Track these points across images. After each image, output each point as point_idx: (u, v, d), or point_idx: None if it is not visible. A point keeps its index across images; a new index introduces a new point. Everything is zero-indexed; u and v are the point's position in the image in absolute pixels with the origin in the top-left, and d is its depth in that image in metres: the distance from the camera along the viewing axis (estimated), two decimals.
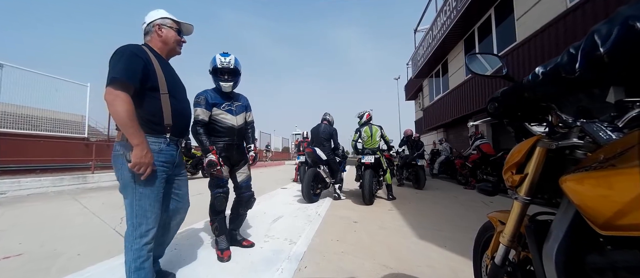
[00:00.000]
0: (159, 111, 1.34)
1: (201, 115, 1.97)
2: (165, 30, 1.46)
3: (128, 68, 1.22)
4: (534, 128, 0.84)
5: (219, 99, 2.06)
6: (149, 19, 1.46)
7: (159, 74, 1.35)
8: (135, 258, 1.30)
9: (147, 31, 1.47)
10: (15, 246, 2.23)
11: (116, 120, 1.20)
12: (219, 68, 2.01)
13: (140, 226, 1.30)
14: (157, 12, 1.49)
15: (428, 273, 1.82)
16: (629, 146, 0.46)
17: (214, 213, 2.08)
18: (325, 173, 4.43)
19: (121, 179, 1.29)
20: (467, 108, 8.32)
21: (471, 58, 1.01)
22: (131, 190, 1.28)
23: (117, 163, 1.30)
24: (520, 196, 0.81)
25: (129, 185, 1.28)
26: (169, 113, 1.37)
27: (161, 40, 1.46)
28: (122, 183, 1.30)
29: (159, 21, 1.45)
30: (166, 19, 1.47)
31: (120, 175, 1.29)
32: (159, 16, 1.46)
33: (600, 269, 0.50)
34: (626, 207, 0.43)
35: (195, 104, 1.98)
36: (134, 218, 1.29)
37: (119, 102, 1.17)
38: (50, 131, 7.41)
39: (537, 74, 0.68)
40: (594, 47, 0.50)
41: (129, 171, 1.24)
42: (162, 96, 1.35)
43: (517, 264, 0.89)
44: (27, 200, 4.46)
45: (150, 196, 1.31)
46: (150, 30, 1.46)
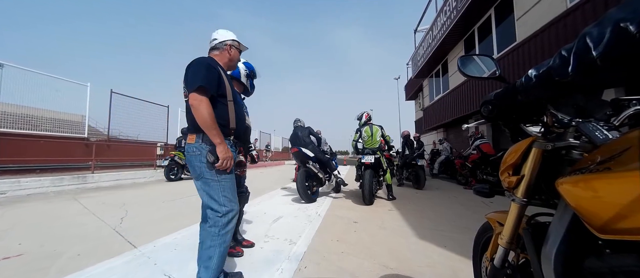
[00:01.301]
0: (226, 115, 1.52)
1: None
2: (233, 51, 1.71)
3: (208, 77, 1.41)
4: (529, 128, 0.83)
5: (241, 101, 2.12)
6: (222, 38, 1.67)
7: (226, 84, 1.55)
8: (222, 242, 1.46)
9: (217, 47, 1.66)
10: (15, 246, 2.23)
11: (201, 122, 1.36)
12: (255, 74, 2.27)
13: (227, 214, 1.48)
14: (228, 33, 1.71)
15: (428, 273, 1.82)
16: (626, 148, 0.46)
17: None
18: (316, 168, 4.45)
19: (202, 175, 1.44)
20: (467, 108, 8.32)
21: (464, 61, 0.99)
22: (215, 184, 1.45)
23: (194, 160, 1.45)
24: (517, 197, 0.81)
25: (213, 179, 1.45)
26: (233, 117, 1.56)
27: (229, 57, 1.69)
28: (203, 179, 1.45)
29: (230, 42, 1.68)
30: (235, 42, 1.71)
31: (201, 172, 1.44)
32: (230, 38, 1.69)
33: (599, 273, 0.50)
34: (624, 210, 0.42)
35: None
36: (222, 206, 1.46)
37: (204, 106, 1.35)
38: (50, 131, 7.41)
39: (530, 77, 0.68)
40: (587, 50, 0.50)
41: (209, 168, 1.42)
42: (229, 103, 1.55)
43: (517, 266, 0.89)
44: (27, 199, 4.46)
45: (231, 187, 1.52)
46: (221, 47, 1.66)
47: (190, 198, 4.63)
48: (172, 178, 7.56)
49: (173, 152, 7.96)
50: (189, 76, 1.41)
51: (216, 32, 1.69)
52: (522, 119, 0.84)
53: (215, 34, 1.69)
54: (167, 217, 3.27)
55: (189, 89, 1.38)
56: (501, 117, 0.87)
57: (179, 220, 3.09)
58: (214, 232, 1.44)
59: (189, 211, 3.58)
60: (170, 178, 7.53)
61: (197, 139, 1.45)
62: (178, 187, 6.25)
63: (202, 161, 1.42)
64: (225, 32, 1.70)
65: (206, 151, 1.42)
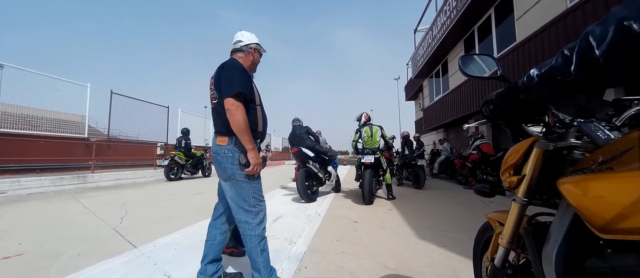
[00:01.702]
0: (256, 119, 1.53)
1: None
2: (256, 54, 1.70)
3: (245, 83, 1.44)
4: (530, 128, 0.82)
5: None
6: (247, 41, 1.65)
7: (254, 88, 1.56)
8: (259, 242, 1.48)
9: (241, 49, 1.64)
10: (15, 246, 2.23)
11: (236, 127, 1.39)
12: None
13: (258, 214, 1.51)
14: (252, 35, 1.69)
15: (428, 273, 1.82)
16: (628, 148, 0.46)
17: None
18: (316, 168, 4.45)
19: (233, 177, 1.46)
20: (467, 108, 8.32)
21: (465, 61, 0.98)
22: (246, 185, 1.48)
23: (225, 162, 1.47)
24: (518, 197, 0.81)
25: (244, 181, 1.48)
26: (261, 121, 1.58)
27: (252, 61, 1.67)
28: (234, 181, 1.47)
29: (254, 45, 1.67)
30: (259, 45, 1.70)
31: (232, 173, 1.46)
32: (255, 41, 1.68)
33: (601, 273, 0.49)
34: (626, 210, 0.42)
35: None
36: (253, 207, 1.49)
37: (240, 111, 1.38)
38: (50, 131, 7.41)
39: (532, 76, 0.67)
40: (590, 49, 0.50)
41: (241, 170, 1.45)
42: (257, 107, 1.56)
43: (517, 266, 0.88)
44: (27, 199, 4.46)
45: (260, 188, 1.55)
46: (245, 50, 1.65)
47: (190, 198, 4.63)
48: (172, 177, 7.56)
49: (173, 152, 7.96)
50: (226, 81, 1.42)
51: (241, 34, 1.67)
52: (524, 119, 0.84)
53: (240, 36, 1.66)
54: (167, 217, 3.27)
55: (226, 94, 1.38)
56: (502, 117, 0.86)
57: (179, 220, 3.09)
58: (250, 234, 1.47)
59: (189, 211, 3.58)
60: (170, 177, 7.53)
61: (229, 142, 1.47)
62: (178, 187, 6.25)
63: (234, 163, 1.45)
64: (249, 34, 1.68)
65: (239, 153, 1.46)
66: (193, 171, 8.24)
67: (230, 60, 1.56)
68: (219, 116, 1.49)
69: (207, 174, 8.88)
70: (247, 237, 1.48)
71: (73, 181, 6.05)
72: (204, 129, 13.67)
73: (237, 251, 2.06)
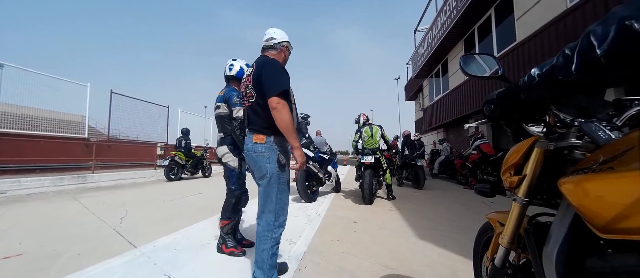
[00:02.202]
0: (292, 118, 1.49)
1: (242, 115, 1.99)
2: (287, 52, 1.71)
3: (288, 80, 1.45)
4: (531, 128, 0.82)
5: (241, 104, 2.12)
6: (280, 38, 1.64)
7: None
8: (273, 245, 1.48)
9: (273, 46, 1.63)
10: (15, 246, 2.23)
11: (283, 125, 1.38)
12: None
13: (280, 217, 1.50)
14: (283, 33, 1.68)
15: (428, 273, 1.82)
16: (629, 148, 0.46)
17: (234, 211, 2.13)
18: (316, 168, 4.46)
19: (267, 175, 1.46)
20: (467, 108, 8.32)
21: (466, 60, 0.98)
22: (276, 186, 1.48)
23: (261, 161, 1.47)
24: (518, 197, 0.81)
25: (275, 181, 1.47)
26: (295, 119, 1.57)
27: (283, 58, 1.67)
28: (267, 179, 1.47)
29: (286, 43, 1.67)
30: (289, 43, 1.70)
31: (267, 172, 1.45)
32: (286, 39, 1.68)
33: (601, 273, 0.49)
34: (627, 210, 0.42)
35: (239, 103, 2.00)
36: (276, 209, 1.48)
37: (286, 109, 1.38)
38: (50, 131, 7.41)
39: (533, 75, 0.67)
40: (591, 48, 0.49)
41: (276, 169, 1.45)
42: (293, 106, 1.55)
43: (518, 266, 0.88)
44: (27, 199, 4.46)
45: (288, 191, 1.55)
46: (278, 47, 1.64)
47: (190, 198, 4.63)
48: (172, 178, 7.56)
49: (173, 152, 7.96)
50: (272, 78, 1.40)
51: (273, 32, 1.66)
52: (524, 119, 0.84)
53: (273, 33, 1.65)
54: (167, 217, 3.27)
55: (271, 92, 1.37)
56: (503, 116, 0.86)
57: (179, 220, 3.09)
58: (266, 235, 1.47)
59: (189, 211, 3.58)
60: (170, 178, 7.53)
61: (267, 141, 1.47)
62: (178, 187, 6.25)
63: (270, 162, 1.45)
64: (281, 32, 1.68)
65: (277, 153, 1.46)
66: (193, 172, 8.24)
67: (268, 58, 1.53)
68: (257, 114, 1.50)
69: (207, 174, 8.88)
70: (263, 237, 1.47)
71: (73, 182, 6.05)
72: (204, 129, 13.67)
73: (237, 251, 2.06)
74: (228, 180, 2.16)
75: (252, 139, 1.50)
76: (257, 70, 1.47)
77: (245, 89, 1.56)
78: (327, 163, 4.96)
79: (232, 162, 2.09)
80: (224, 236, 2.10)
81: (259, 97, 1.48)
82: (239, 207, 2.14)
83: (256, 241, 1.50)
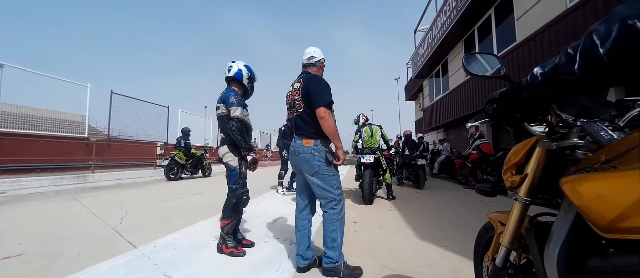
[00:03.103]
0: (335, 124, 1.77)
1: (241, 115, 2.09)
2: (324, 67, 1.99)
3: (331, 94, 1.73)
4: (533, 128, 0.82)
5: (243, 104, 2.18)
6: (319, 56, 1.94)
7: None
8: (341, 224, 1.75)
9: (315, 63, 1.93)
10: (15, 246, 2.23)
11: (329, 131, 1.68)
12: (254, 77, 2.34)
13: (341, 202, 1.77)
14: (320, 51, 1.96)
15: (428, 273, 1.82)
16: (631, 147, 0.46)
17: (235, 211, 2.13)
18: None
19: (320, 172, 1.72)
20: (467, 108, 8.32)
21: (469, 59, 0.99)
22: (331, 178, 1.75)
23: (312, 160, 1.73)
24: (520, 197, 0.81)
25: (329, 175, 1.74)
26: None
27: (321, 73, 1.97)
28: (320, 175, 1.73)
29: (323, 61, 1.96)
30: (324, 59, 1.97)
31: (319, 169, 1.72)
32: (323, 56, 1.96)
33: (603, 272, 0.49)
34: (628, 210, 0.42)
35: (237, 104, 2.08)
36: (338, 196, 1.76)
37: (332, 118, 1.69)
38: (50, 131, 7.40)
39: (535, 75, 0.67)
40: (594, 48, 0.49)
41: (325, 165, 1.73)
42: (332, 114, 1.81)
43: (519, 266, 0.88)
44: (27, 199, 4.46)
45: (340, 180, 1.83)
46: (317, 65, 1.94)
47: (191, 198, 4.63)
48: (172, 177, 7.55)
49: (173, 152, 7.96)
50: (319, 92, 1.69)
51: (313, 51, 1.93)
52: (526, 119, 0.84)
53: (313, 52, 1.93)
54: (167, 217, 3.27)
55: (319, 104, 1.66)
56: (505, 116, 0.86)
57: (179, 220, 3.09)
58: (334, 217, 1.72)
59: (189, 211, 3.58)
60: (170, 177, 7.53)
61: (315, 143, 1.74)
62: (178, 187, 6.25)
63: (320, 160, 1.72)
64: (318, 50, 1.95)
65: (325, 152, 1.74)
66: (193, 171, 8.24)
67: (312, 75, 1.82)
68: (305, 122, 1.77)
69: (207, 174, 8.88)
70: (331, 221, 1.72)
71: (73, 181, 6.05)
72: (204, 129, 13.68)
73: (237, 251, 2.06)
74: (229, 180, 2.16)
75: (302, 143, 1.76)
76: (305, 85, 1.74)
77: (294, 101, 1.81)
78: None
79: (232, 162, 2.10)
80: (224, 236, 2.10)
81: (307, 107, 1.75)
82: (239, 207, 2.14)
83: (326, 227, 1.74)
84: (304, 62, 1.94)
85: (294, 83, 1.86)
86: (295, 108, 1.80)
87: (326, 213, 1.75)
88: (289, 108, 1.89)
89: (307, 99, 1.73)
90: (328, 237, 1.72)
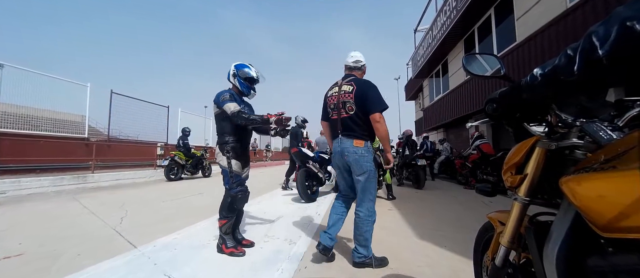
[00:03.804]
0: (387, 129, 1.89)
1: (237, 107, 2.05)
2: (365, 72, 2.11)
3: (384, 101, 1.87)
4: (533, 128, 0.83)
5: (239, 101, 2.16)
6: (364, 60, 2.06)
7: None
8: (372, 224, 1.89)
9: (360, 67, 2.05)
10: (15, 246, 2.23)
11: (383, 135, 1.82)
12: (254, 78, 2.25)
13: (374, 203, 1.93)
14: (362, 55, 2.06)
15: (428, 273, 1.82)
16: (630, 147, 0.46)
17: (231, 210, 2.12)
18: (316, 168, 4.46)
19: (367, 171, 1.86)
20: (467, 108, 8.32)
21: (469, 59, 0.99)
22: (373, 180, 1.89)
23: (362, 160, 1.85)
24: (519, 196, 0.81)
25: (372, 176, 1.88)
26: None
27: (363, 75, 2.09)
28: (367, 175, 1.86)
29: (365, 64, 2.07)
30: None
31: (368, 169, 1.85)
32: (365, 60, 2.07)
33: (602, 272, 0.50)
34: (628, 209, 0.42)
35: (229, 100, 2.05)
36: (374, 198, 1.92)
37: (385, 124, 1.82)
38: (50, 131, 7.40)
39: (535, 75, 0.68)
40: (593, 49, 0.50)
41: (373, 167, 1.87)
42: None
43: (518, 266, 0.88)
44: (27, 199, 4.46)
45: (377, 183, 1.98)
46: (362, 69, 2.06)
47: (191, 198, 4.63)
48: (172, 177, 7.55)
49: (173, 152, 7.96)
50: (376, 98, 1.82)
51: (358, 55, 2.04)
52: (526, 119, 0.84)
53: (358, 56, 2.04)
54: (167, 217, 3.27)
55: (375, 109, 1.78)
56: (505, 116, 0.87)
57: (179, 220, 3.09)
58: (369, 219, 1.87)
59: (189, 211, 3.58)
60: (170, 177, 7.53)
61: (366, 144, 1.86)
62: (178, 187, 6.25)
63: (369, 161, 1.85)
64: (361, 54, 2.06)
65: (373, 154, 1.87)
66: (193, 172, 8.23)
67: (366, 81, 1.94)
68: (356, 124, 1.87)
69: (207, 174, 8.87)
70: (365, 221, 1.86)
71: (73, 181, 6.05)
72: (204, 129, 13.68)
73: (237, 251, 2.06)
74: (223, 179, 2.17)
75: (352, 144, 1.86)
76: (360, 90, 1.86)
77: (344, 103, 1.90)
78: (327, 162, 4.97)
79: (221, 161, 2.12)
80: (224, 236, 2.10)
81: (359, 111, 1.85)
82: (234, 206, 2.12)
83: (358, 225, 1.87)
84: (350, 65, 2.03)
85: (342, 85, 1.94)
86: (345, 109, 1.90)
87: (361, 213, 1.87)
88: (334, 109, 1.96)
89: (361, 103, 1.84)
90: (361, 236, 1.85)
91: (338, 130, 1.94)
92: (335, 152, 1.99)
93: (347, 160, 1.88)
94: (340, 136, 1.92)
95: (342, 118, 1.91)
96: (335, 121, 1.97)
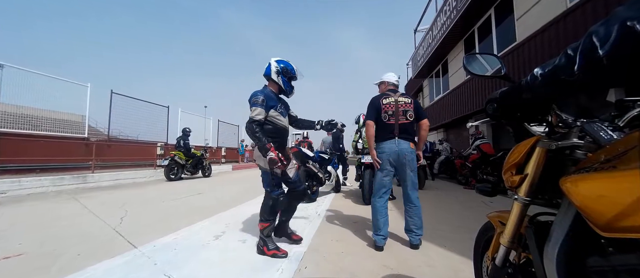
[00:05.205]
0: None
1: (260, 115, 2.00)
2: None
3: None
4: (533, 128, 0.83)
5: (274, 101, 2.13)
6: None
7: None
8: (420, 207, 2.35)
9: (398, 85, 2.53)
10: (15, 246, 2.23)
11: (426, 138, 2.41)
12: (290, 72, 2.23)
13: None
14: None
15: (428, 273, 1.82)
16: (631, 147, 0.46)
17: (272, 213, 2.10)
18: (316, 168, 4.46)
19: (415, 168, 2.31)
20: (467, 108, 8.31)
21: (469, 59, 0.99)
22: (415, 174, 2.32)
23: (415, 159, 2.31)
24: (520, 196, 0.81)
25: (416, 172, 2.33)
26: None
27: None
28: (415, 171, 2.30)
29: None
30: None
31: (414, 166, 2.30)
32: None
33: (602, 271, 0.50)
34: (628, 209, 0.42)
35: (255, 103, 2.01)
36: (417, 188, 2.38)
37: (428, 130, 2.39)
38: (50, 131, 7.40)
39: (535, 75, 0.67)
40: (593, 49, 0.50)
41: (417, 164, 2.34)
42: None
43: (518, 265, 0.88)
44: (27, 199, 4.46)
45: None
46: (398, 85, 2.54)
47: (191, 198, 4.63)
48: (172, 177, 7.56)
49: (173, 152, 7.95)
50: (422, 110, 2.36)
51: (396, 75, 2.53)
52: (527, 119, 0.84)
53: (397, 76, 2.53)
54: (167, 217, 3.27)
55: (426, 116, 2.34)
56: (506, 115, 0.87)
57: (179, 220, 3.09)
58: (420, 206, 2.30)
59: (189, 211, 3.58)
60: (170, 177, 7.53)
61: (414, 147, 2.30)
62: (178, 187, 6.25)
63: (415, 160, 2.29)
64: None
65: (416, 154, 2.32)
66: (193, 172, 8.24)
67: (412, 97, 2.48)
68: (413, 128, 2.33)
69: (207, 174, 8.87)
70: (420, 208, 2.29)
71: (73, 181, 6.05)
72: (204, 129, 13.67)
73: (280, 253, 2.04)
74: (263, 182, 2.15)
75: (409, 145, 2.26)
76: (415, 103, 2.36)
77: (406, 112, 2.30)
78: (327, 162, 4.97)
79: (261, 162, 2.06)
80: (264, 238, 2.07)
81: (415, 119, 2.30)
82: (276, 209, 2.10)
83: (417, 214, 2.26)
84: (394, 82, 2.49)
85: (399, 97, 2.34)
86: (406, 116, 2.28)
87: (418, 201, 2.28)
88: (392, 115, 2.30)
89: (417, 113, 2.31)
90: (420, 221, 2.26)
91: (394, 133, 2.26)
92: (390, 151, 2.24)
93: (404, 159, 2.23)
94: (396, 138, 2.24)
95: (400, 123, 2.26)
96: (391, 126, 2.28)
